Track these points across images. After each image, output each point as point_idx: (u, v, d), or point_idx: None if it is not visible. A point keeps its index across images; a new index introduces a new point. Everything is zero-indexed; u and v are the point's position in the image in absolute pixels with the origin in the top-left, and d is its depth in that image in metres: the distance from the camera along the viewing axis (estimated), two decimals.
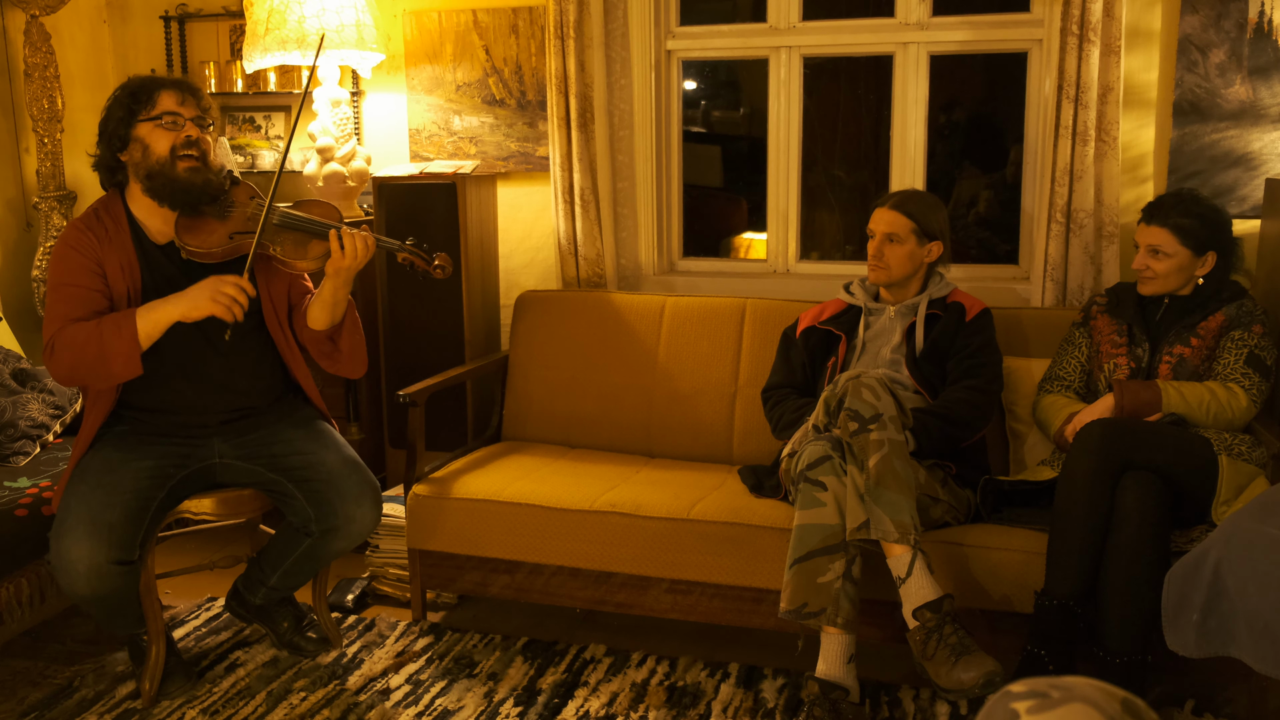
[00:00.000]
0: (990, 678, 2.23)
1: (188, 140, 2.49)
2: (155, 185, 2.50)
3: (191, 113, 2.52)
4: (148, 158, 2.49)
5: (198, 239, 2.49)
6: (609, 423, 3.31)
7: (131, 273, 2.50)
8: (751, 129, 4.69)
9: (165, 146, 2.48)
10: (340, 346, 2.67)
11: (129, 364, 2.40)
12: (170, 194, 2.50)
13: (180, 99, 2.51)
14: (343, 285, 2.57)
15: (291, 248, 2.53)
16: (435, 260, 2.59)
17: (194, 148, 2.50)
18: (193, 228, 2.51)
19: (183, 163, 2.49)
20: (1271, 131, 3.06)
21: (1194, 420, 2.55)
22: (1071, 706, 0.90)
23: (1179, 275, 2.66)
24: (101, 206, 2.56)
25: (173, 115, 2.49)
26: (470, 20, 3.64)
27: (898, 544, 2.36)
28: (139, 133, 2.49)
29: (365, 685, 2.67)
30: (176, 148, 2.48)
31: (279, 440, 2.62)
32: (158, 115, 2.49)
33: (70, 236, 2.49)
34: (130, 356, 2.39)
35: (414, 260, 2.59)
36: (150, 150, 2.49)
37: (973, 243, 4.25)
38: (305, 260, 2.53)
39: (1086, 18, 2.97)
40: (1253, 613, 1.83)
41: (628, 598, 2.82)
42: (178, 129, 2.49)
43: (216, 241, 2.50)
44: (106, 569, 2.38)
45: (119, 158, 2.53)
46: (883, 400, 2.44)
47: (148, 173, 2.49)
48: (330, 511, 2.57)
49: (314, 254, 2.53)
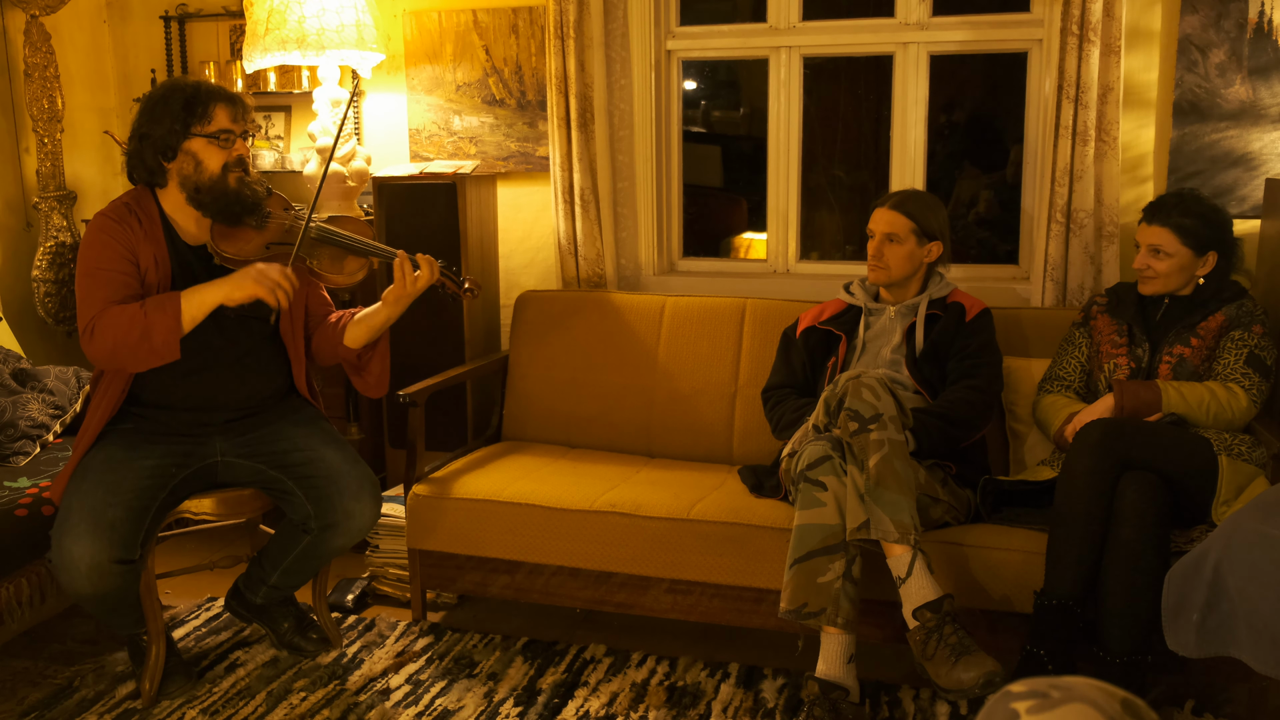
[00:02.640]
0: (990, 678, 2.23)
1: (239, 159, 2.52)
2: (203, 198, 2.51)
3: (241, 129, 2.54)
4: (200, 173, 2.50)
5: (234, 246, 2.51)
6: (609, 423, 3.31)
7: (164, 268, 2.51)
8: (751, 129, 4.69)
9: (218, 164, 2.50)
10: (370, 368, 2.72)
11: (169, 343, 2.39)
12: (218, 206, 2.52)
13: (234, 115, 2.52)
14: (399, 314, 2.63)
15: (329, 262, 2.58)
16: (466, 283, 2.66)
17: (243, 164, 2.54)
18: (229, 235, 2.53)
19: (233, 174, 2.51)
20: (1271, 131, 3.06)
21: (1194, 420, 2.55)
22: (1071, 706, 0.90)
23: (1180, 275, 2.66)
24: (133, 200, 2.55)
25: (228, 133, 2.51)
26: (470, 20, 3.64)
27: (898, 544, 2.36)
28: (192, 146, 2.50)
29: (365, 685, 2.67)
30: (229, 165, 2.51)
31: (281, 438, 2.63)
32: (214, 133, 2.50)
33: (105, 225, 2.49)
34: (173, 333, 2.39)
35: (446, 283, 2.65)
36: (203, 166, 2.50)
37: (973, 243, 4.25)
38: (341, 275, 2.59)
39: (1086, 18, 2.97)
40: (1253, 613, 1.83)
41: (628, 598, 2.82)
42: (230, 146, 2.51)
43: (253, 250, 2.52)
44: (108, 567, 2.38)
45: (163, 163, 2.52)
46: (883, 400, 2.45)
47: (197, 186, 2.51)
48: (329, 507, 2.58)
49: (349, 270, 2.60)
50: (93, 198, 3.98)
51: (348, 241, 2.61)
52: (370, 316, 2.65)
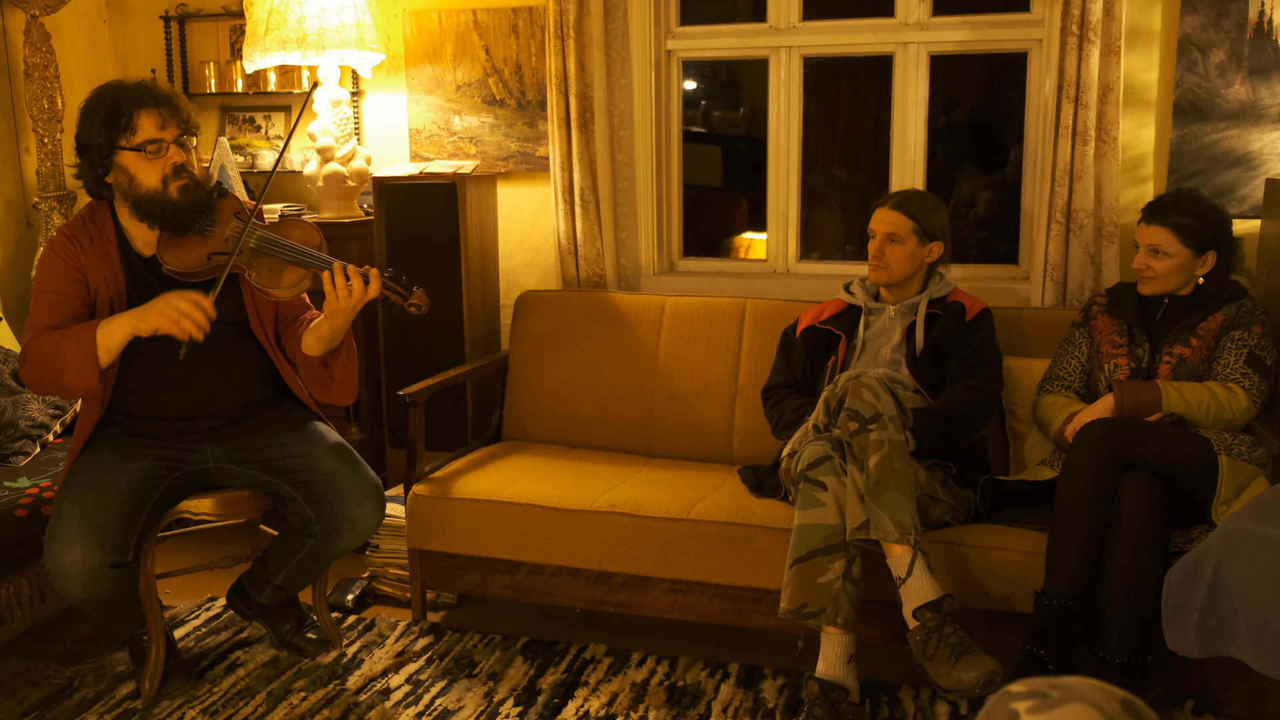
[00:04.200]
0: (990, 678, 2.22)
1: (175, 168, 2.42)
2: (145, 211, 2.44)
3: (173, 133, 2.42)
4: (135, 188, 2.42)
5: (177, 256, 2.45)
6: (609, 423, 3.31)
7: (116, 283, 2.46)
8: (751, 129, 4.69)
9: (155, 178, 2.41)
10: (333, 374, 2.61)
11: (84, 377, 2.33)
12: (161, 218, 2.45)
13: (160, 121, 2.40)
14: (342, 326, 2.50)
15: (267, 274, 2.45)
16: (412, 298, 2.48)
17: (183, 171, 2.43)
18: (174, 244, 2.47)
19: (174, 184, 2.43)
20: (1271, 131, 3.06)
21: (1194, 420, 2.55)
22: (1071, 706, 0.90)
23: (1179, 275, 2.66)
24: (88, 215, 2.52)
25: (155, 143, 2.40)
26: (470, 20, 3.64)
27: (898, 544, 2.36)
28: (122, 161, 2.41)
29: (365, 685, 2.67)
30: (167, 178, 2.42)
31: (272, 444, 2.59)
32: (140, 145, 2.39)
33: (56, 243, 2.46)
34: (86, 370, 2.31)
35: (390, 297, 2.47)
36: (137, 181, 2.41)
37: (973, 243, 4.25)
38: (280, 288, 2.45)
39: (1086, 18, 2.97)
40: (1253, 613, 1.83)
41: (628, 598, 2.82)
42: (162, 156, 2.41)
43: (195, 261, 2.45)
44: (100, 572, 2.36)
45: (103, 179, 2.46)
46: (883, 400, 2.44)
47: (136, 200, 2.43)
48: (331, 513, 2.56)
49: (288, 282, 2.45)
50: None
51: (286, 252, 2.45)
52: (317, 327, 2.55)
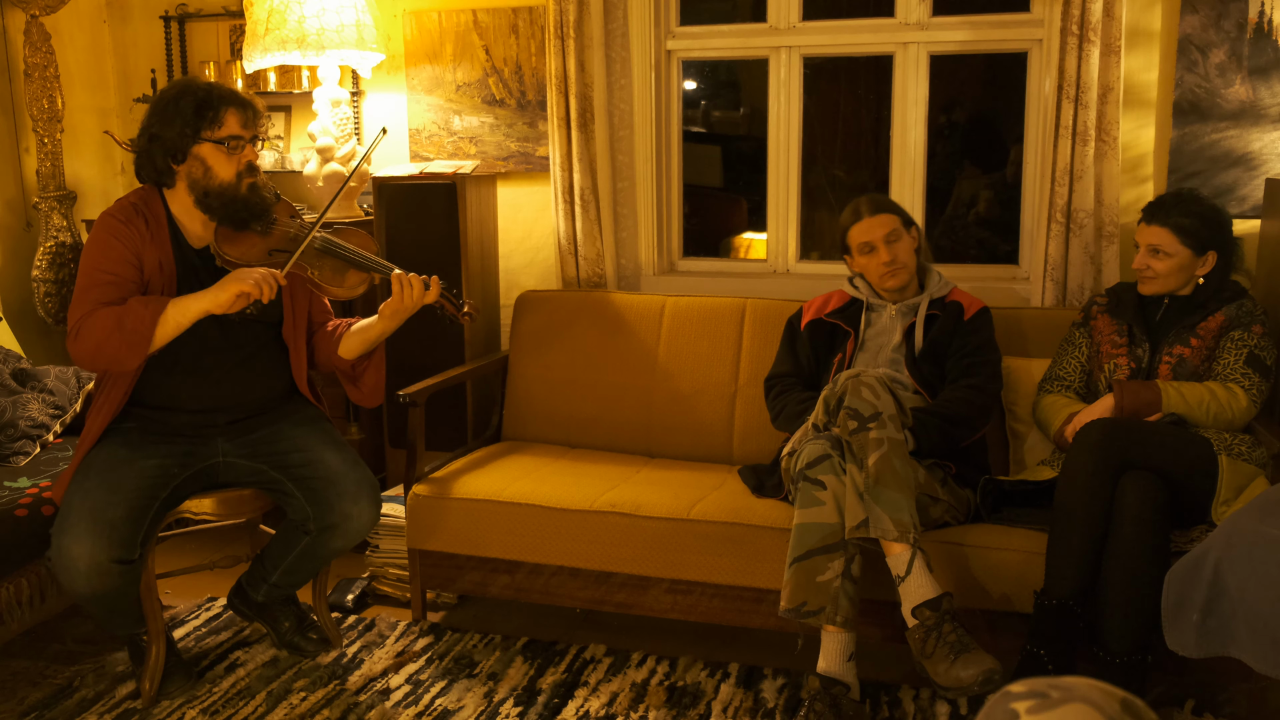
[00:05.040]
0: (989, 676, 2.22)
1: (249, 166, 2.52)
2: (211, 202, 2.50)
3: (251, 134, 2.53)
4: (209, 179, 2.49)
5: (237, 250, 2.51)
6: (609, 423, 3.31)
7: (168, 272, 2.50)
8: (751, 129, 4.69)
9: (230, 172, 2.49)
10: (364, 379, 2.71)
11: (139, 331, 2.34)
12: (226, 211, 2.51)
13: (244, 120, 2.51)
14: (392, 329, 2.63)
15: (330, 274, 2.57)
16: (466, 307, 2.65)
17: (255, 170, 2.53)
18: (233, 239, 2.53)
19: (246, 180, 2.51)
20: (1271, 131, 3.06)
21: (1194, 420, 2.55)
22: (1071, 706, 0.90)
23: (1179, 275, 2.66)
24: (140, 201, 2.54)
25: (238, 139, 2.50)
26: (470, 20, 3.64)
27: (897, 542, 2.36)
28: (201, 151, 2.49)
29: (365, 685, 2.67)
30: (241, 173, 2.50)
31: (282, 438, 2.63)
32: (224, 139, 2.48)
33: (111, 225, 2.47)
34: (145, 324, 2.34)
35: (445, 304, 2.64)
36: (213, 173, 2.49)
37: (973, 243, 4.25)
38: (341, 288, 2.58)
39: (1086, 18, 2.97)
40: (1253, 613, 1.83)
41: (628, 598, 2.82)
42: (238, 152, 2.50)
43: (255, 256, 2.51)
44: (107, 567, 2.38)
45: (172, 166, 2.51)
46: (882, 399, 2.45)
47: (205, 190, 2.50)
48: (328, 509, 2.58)
49: (350, 283, 2.59)
50: (93, 198, 3.98)
51: (351, 255, 2.61)
52: (366, 329, 2.65)
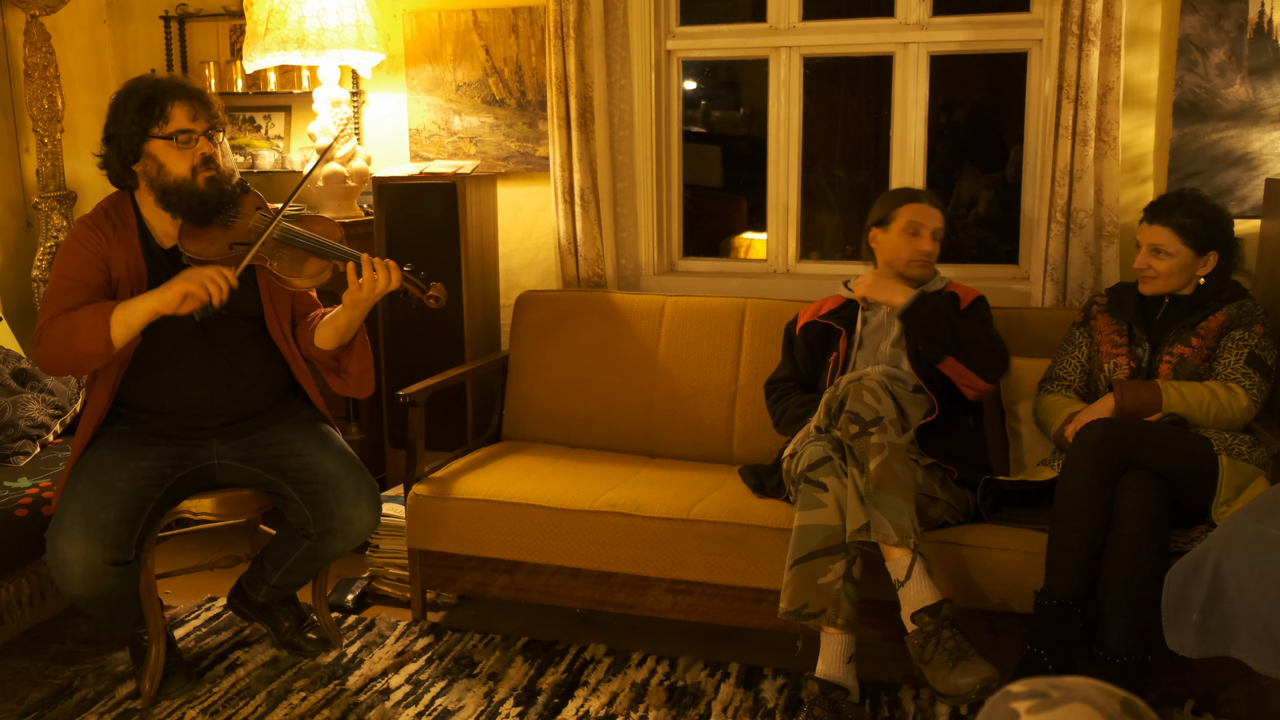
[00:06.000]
0: (987, 684, 2.23)
1: (204, 159, 2.48)
2: (170, 199, 2.49)
3: (203, 126, 2.49)
4: (164, 176, 2.47)
5: (199, 245, 2.49)
6: (609, 423, 3.31)
7: (137, 274, 2.50)
8: (751, 129, 4.69)
9: (184, 167, 2.46)
10: (348, 369, 2.67)
11: (92, 339, 2.32)
12: (185, 207, 2.49)
13: (192, 113, 2.47)
14: (358, 317, 2.57)
15: (289, 264, 2.51)
16: (430, 291, 2.55)
17: (211, 163, 2.49)
18: (196, 235, 2.51)
19: (202, 175, 2.48)
20: (1271, 131, 3.06)
21: (1194, 420, 2.55)
22: (1071, 706, 0.90)
23: (1180, 275, 2.66)
24: (110, 206, 2.55)
25: (186, 133, 2.47)
26: (470, 20, 3.64)
27: (897, 547, 2.36)
28: (152, 149, 2.47)
29: (365, 685, 2.67)
30: (196, 168, 2.47)
31: (278, 442, 2.61)
32: (171, 134, 2.46)
33: (80, 233, 2.49)
34: (96, 331, 2.32)
35: (408, 289, 2.54)
36: (166, 170, 2.47)
37: (973, 242, 4.25)
38: (301, 277, 2.51)
39: (1086, 18, 2.97)
40: (1253, 613, 1.83)
41: (628, 598, 2.82)
42: (192, 146, 2.47)
43: (217, 250, 2.49)
44: (102, 569, 2.38)
45: (131, 168, 2.51)
46: (883, 403, 2.45)
47: (163, 188, 2.48)
48: (327, 514, 2.57)
49: (309, 272, 2.51)
50: (93, 198, 3.98)
51: (310, 244, 2.52)
52: (334, 318, 2.60)
